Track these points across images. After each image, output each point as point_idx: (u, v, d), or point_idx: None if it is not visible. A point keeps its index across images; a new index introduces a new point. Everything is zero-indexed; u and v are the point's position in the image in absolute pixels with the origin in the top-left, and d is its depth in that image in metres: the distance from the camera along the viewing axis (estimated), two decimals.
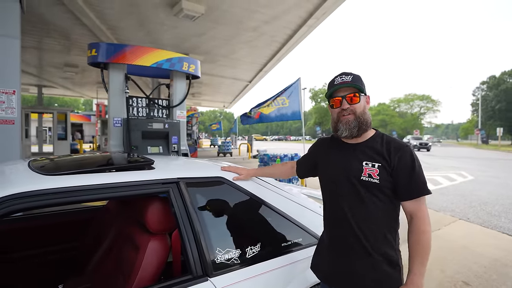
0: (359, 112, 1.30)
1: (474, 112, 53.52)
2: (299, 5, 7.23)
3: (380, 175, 1.24)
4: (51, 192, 1.20)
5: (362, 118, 1.29)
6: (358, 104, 1.30)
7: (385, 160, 1.25)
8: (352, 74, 1.32)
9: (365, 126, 1.30)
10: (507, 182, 9.57)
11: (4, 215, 1.10)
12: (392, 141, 1.30)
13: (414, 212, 1.24)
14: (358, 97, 1.29)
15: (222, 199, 1.70)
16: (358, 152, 1.32)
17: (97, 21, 7.73)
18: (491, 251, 3.88)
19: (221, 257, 1.46)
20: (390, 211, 1.29)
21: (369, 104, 1.38)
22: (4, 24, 3.51)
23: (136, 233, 1.65)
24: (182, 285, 1.32)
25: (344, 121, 1.30)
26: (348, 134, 1.30)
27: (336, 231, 1.38)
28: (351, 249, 1.31)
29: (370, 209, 1.27)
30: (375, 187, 1.25)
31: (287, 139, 75.22)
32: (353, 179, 1.28)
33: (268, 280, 1.54)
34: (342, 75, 1.32)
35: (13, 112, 3.53)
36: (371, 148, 1.30)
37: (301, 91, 6.70)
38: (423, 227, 1.21)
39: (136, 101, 4.89)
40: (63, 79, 14.93)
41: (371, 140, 1.33)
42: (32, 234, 2.33)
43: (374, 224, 1.27)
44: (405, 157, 1.24)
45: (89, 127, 30.81)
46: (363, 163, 1.28)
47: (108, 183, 1.34)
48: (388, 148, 1.27)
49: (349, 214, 1.30)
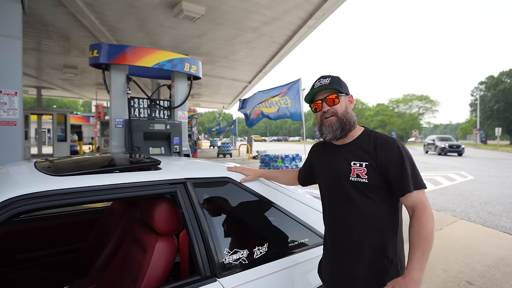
0: (341, 113, 1.29)
1: (472, 112, 53.61)
2: (299, 6, 7.23)
3: (368, 174, 1.21)
4: (62, 193, 1.19)
5: (344, 119, 1.29)
6: (338, 105, 1.30)
7: (372, 157, 1.22)
8: (330, 77, 1.33)
9: (349, 126, 1.29)
10: (506, 181, 9.59)
11: (16, 215, 1.09)
12: (380, 137, 1.27)
13: (414, 206, 1.18)
14: (337, 98, 1.30)
15: (230, 199, 1.69)
16: (345, 152, 1.31)
17: (97, 22, 7.72)
18: (493, 250, 3.88)
19: (229, 257, 1.46)
20: (385, 211, 1.24)
21: (352, 103, 1.37)
22: (5, 25, 3.50)
23: (142, 234, 1.64)
24: (191, 286, 1.31)
25: (327, 124, 1.31)
26: (332, 136, 1.30)
27: (333, 235, 1.36)
28: (348, 252, 1.29)
29: (364, 210, 1.24)
30: (365, 187, 1.22)
31: (286, 139, 75.30)
32: (343, 181, 1.27)
33: (277, 280, 1.54)
34: (320, 79, 1.34)
35: (15, 113, 3.52)
36: (358, 147, 1.29)
37: (301, 92, 6.72)
38: (424, 218, 1.15)
39: (138, 102, 4.88)
40: (62, 80, 14.90)
41: (359, 139, 1.32)
42: (35, 235, 2.33)
43: (369, 226, 1.24)
44: (391, 151, 1.21)
45: (88, 128, 30.80)
46: (351, 163, 1.26)
47: (119, 183, 1.34)
48: (374, 145, 1.25)
49: (343, 216, 1.29)
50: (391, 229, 1.25)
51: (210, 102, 22.98)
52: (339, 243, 1.33)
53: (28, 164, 1.63)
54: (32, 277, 2.09)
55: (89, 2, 6.75)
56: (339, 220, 1.32)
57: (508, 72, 47.52)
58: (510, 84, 46.05)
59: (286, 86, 7.32)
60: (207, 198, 1.58)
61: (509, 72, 47.40)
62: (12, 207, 1.09)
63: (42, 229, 2.36)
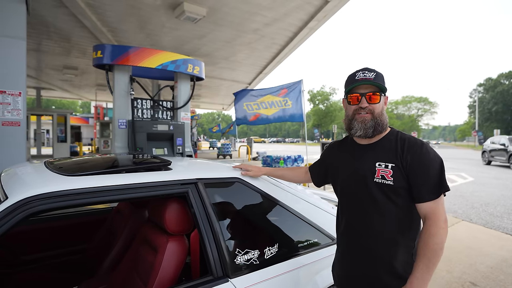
0: (377, 112, 1.22)
1: (471, 114, 53.87)
2: (300, 7, 7.25)
3: (394, 176, 1.15)
4: (77, 193, 1.20)
5: (379, 119, 1.22)
6: (377, 104, 1.22)
7: (399, 159, 1.16)
8: (376, 72, 1.24)
9: (381, 128, 1.23)
10: (506, 183, 9.62)
11: (31, 215, 1.09)
12: (407, 139, 1.21)
13: (427, 215, 1.14)
14: (379, 97, 1.22)
15: (240, 199, 1.70)
16: (370, 153, 1.25)
17: (98, 23, 7.72)
18: (496, 251, 3.89)
19: (240, 257, 1.46)
20: (408, 214, 1.19)
21: (386, 105, 1.31)
22: (10, 25, 3.49)
23: (153, 234, 1.64)
24: (204, 286, 1.31)
25: (360, 120, 1.23)
26: (362, 133, 1.22)
27: (352, 236, 1.30)
28: (367, 255, 1.23)
29: (386, 213, 1.18)
30: (390, 189, 1.16)
31: (285, 141, 75.42)
32: (366, 181, 1.21)
33: (287, 280, 1.54)
34: (364, 71, 1.24)
35: (19, 114, 3.51)
36: (384, 148, 1.23)
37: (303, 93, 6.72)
38: (434, 230, 1.11)
39: (141, 103, 4.88)
40: (62, 81, 14.89)
41: (385, 139, 1.25)
42: (40, 236, 2.32)
43: (391, 229, 1.18)
44: (418, 155, 1.14)
45: (87, 129, 30.70)
46: (376, 164, 1.20)
47: (132, 183, 1.34)
48: (402, 147, 1.19)
49: (363, 218, 1.24)
50: (414, 233, 1.21)
51: (210, 103, 22.99)
52: (357, 245, 1.27)
53: (38, 165, 1.63)
54: (38, 279, 2.08)
55: (91, 3, 6.75)
56: (359, 222, 1.26)
57: (507, 74, 47.79)
58: (508, 86, 46.31)
59: (285, 86, 7.28)
60: (217, 198, 1.58)
61: (508, 74, 47.66)
62: (28, 207, 1.09)
63: (47, 230, 2.36)
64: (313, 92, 59.86)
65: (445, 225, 1.13)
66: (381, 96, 1.23)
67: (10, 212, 1.06)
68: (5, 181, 1.31)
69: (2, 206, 1.06)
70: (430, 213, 1.13)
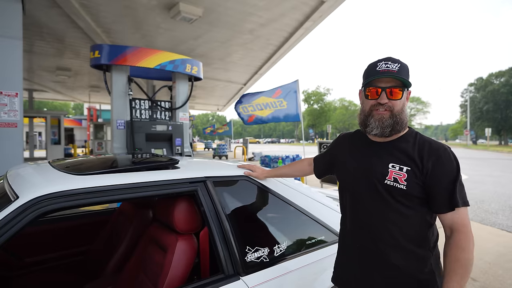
0: (397, 109, 1.11)
1: (462, 113, 54.63)
2: (296, 8, 7.27)
3: (408, 180, 1.06)
4: (87, 191, 1.18)
5: (398, 117, 1.11)
6: (398, 100, 1.10)
7: (416, 164, 1.07)
8: (400, 63, 1.10)
9: (400, 127, 1.12)
10: (500, 180, 9.77)
11: (42, 214, 1.08)
12: (427, 142, 1.10)
13: (454, 226, 1.06)
14: (401, 93, 1.10)
15: (247, 197, 1.70)
16: (384, 152, 1.15)
17: (93, 23, 7.64)
18: (493, 247, 3.95)
19: (250, 255, 1.46)
20: (418, 222, 1.10)
21: (408, 100, 1.18)
22: (5, 25, 3.44)
23: (161, 234, 1.63)
24: (215, 285, 1.31)
25: (378, 117, 1.12)
26: (379, 132, 1.12)
27: (355, 240, 1.22)
28: (371, 262, 1.15)
29: (393, 218, 1.10)
30: (400, 193, 1.07)
31: (280, 141, 75.64)
32: (376, 182, 1.12)
33: (297, 277, 1.54)
34: (388, 61, 1.11)
35: (16, 115, 3.45)
36: (400, 149, 1.12)
37: (299, 92, 6.75)
38: (465, 244, 1.03)
39: (139, 103, 4.84)
40: (54, 83, 14.70)
41: (402, 139, 1.15)
42: (42, 238, 2.29)
43: (398, 235, 1.09)
44: (443, 161, 1.05)
45: (80, 131, 30.39)
46: (389, 165, 1.11)
47: (141, 181, 1.33)
48: (421, 150, 1.08)
49: (368, 220, 1.15)
50: (424, 243, 1.11)
51: (205, 104, 22.90)
52: (359, 248, 1.20)
53: (44, 165, 1.61)
54: (42, 281, 2.05)
55: (85, 3, 6.68)
56: (364, 224, 1.18)
57: (497, 74, 48.56)
58: (498, 85, 47.05)
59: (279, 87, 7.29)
60: (226, 196, 1.58)
61: (498, 74, 48.44)
62: (39, 206, 1.08)
63: (49, 231, 2.32)
64: (308, 93, 60.14)
65: (473, 236, 1.07)
66: (404, 91, 1.11)
67: (22, 212, 1.04)
68: (13, 181, 1.29)
69: (14, 205, 1.05)
70: (459, 223, 1.05)
